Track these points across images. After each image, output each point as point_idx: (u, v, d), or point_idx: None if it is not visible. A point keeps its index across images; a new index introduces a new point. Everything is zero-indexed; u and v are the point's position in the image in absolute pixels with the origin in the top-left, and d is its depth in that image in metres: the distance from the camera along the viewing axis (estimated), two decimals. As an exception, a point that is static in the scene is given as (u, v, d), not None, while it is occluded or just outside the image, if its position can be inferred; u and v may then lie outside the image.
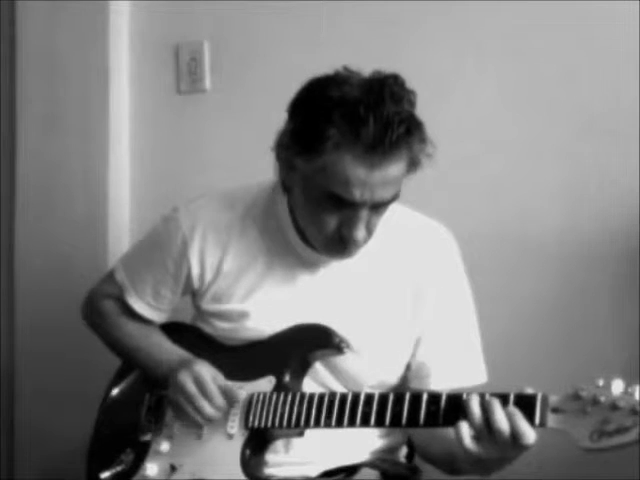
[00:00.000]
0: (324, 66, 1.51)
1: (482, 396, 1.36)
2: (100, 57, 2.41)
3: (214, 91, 2.38)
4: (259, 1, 2.29)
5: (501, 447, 1.34)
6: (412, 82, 1.50)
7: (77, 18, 2.42)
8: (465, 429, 1.35)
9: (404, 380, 1.67)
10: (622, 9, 1.98)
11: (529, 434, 1.31)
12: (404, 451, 1.77)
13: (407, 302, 1.64)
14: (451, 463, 1.55)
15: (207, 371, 1.60)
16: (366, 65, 1.50)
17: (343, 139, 1.43)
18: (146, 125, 2.45)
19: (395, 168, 1.46)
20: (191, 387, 1.58)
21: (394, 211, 1.60)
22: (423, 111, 1.50)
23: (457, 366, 1.64)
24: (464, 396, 1.38)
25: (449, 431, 1.45)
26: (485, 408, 1.34)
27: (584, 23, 2.02)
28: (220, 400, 1.58)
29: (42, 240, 2.46)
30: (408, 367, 1.67)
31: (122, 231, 2.44)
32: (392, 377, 1.66)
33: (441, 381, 1.61)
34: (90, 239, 2.42)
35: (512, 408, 1.33)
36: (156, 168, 2.44)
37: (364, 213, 1.49)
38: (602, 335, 2.01)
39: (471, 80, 2.12)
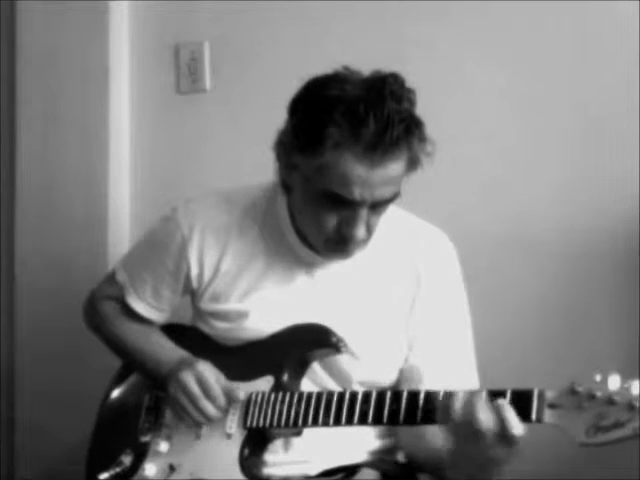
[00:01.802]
0: (324, 66, 1.51)
1: (471, 393, 1.36)
2: (100, 57, 2.41)
3: (214, 91, 2.38)
4: (259, 1, 2.29)
5: (484, 444, 1.32)
6: (412, 82, 1.50)
7: (77, 18, 2.42)
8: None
9: (397, 383, 1.66)
10: (622, 9, 1.98)
11: (516, 424, 1.30)
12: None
13: (404, 304, 1.64)
14: (441, 471, 1.53)
15: (210, 371, 1.60)
16: (366, 65, 1.50)
17: (343, 138, 1.43)
18: (146, 125, 2.45)
19: (395, 167, 1.46)
20: (194, 387, 1.58)
21: (392, 213, 1.60)
22: (423, 111, 1.50)
23: (449, 371, 1.63)
24: (459, 394, 1.38)
25: (438, 437, 1.45)
26: (469, 403, 1.34)
27: (584, 23, 2.02)
28: (222, 400, 1.58)
29: (42, 240, 2.46)
30: (400, 370, 1.66)
31: (122, 231, 2.44)
32: (387, 378, 1.66)
33: (433, 385, 1.61)
34: (90, 239, 2.42)
35: (501, 400, 1.32)
36: (156, 168, 2.44)
37: (364, 212, 1.49)
38: (602, 335, 2.01)
39: (471, 80, 2.12)
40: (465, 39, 2.12)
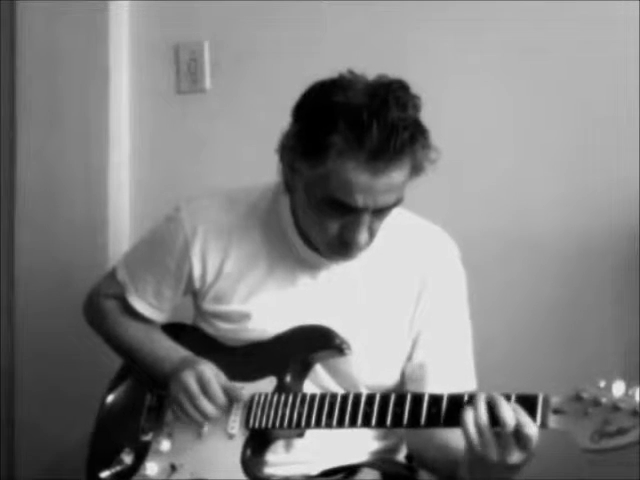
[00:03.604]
0: (324, 66, 1.50)
1: (488, 394, 1.36)
2: (100, 57, 2.41)
3: (214, 91, 2.37)
4: (259, 1, 2.29)
5: (503, 444, 1.33)
6: (412, 83, 1.49)
7: (77, 18, 2.42)
8: (470, 415, 1.34)
9: (400, 383, 1.67)
10: (622, 9, 1.98)
11: (531, 425, 1.31)
12: (404, 452, 1.77)
13: (407, 305, 1.64)
14: (452, 472, 1.53)
15: (210, 370, 1.60)
16: (367, 66, 1.49)
17: (346, 146, 1.42)
18: (146, 125, 2.44)
19: (398, 174, 1.46)
20: (194, 386, 1.58)
21: (396, 215, 1.59)
22: (425, 112, 1.49)
23: (451, 372, 1.64)
24: (465, 397, 1.38)
25: (449, 438, 1.45)
26: (491, 404, 1.35)
27: (584, 24, 2.02)
28: (222, 399, 1.58)
29: (42, 241, 2.46)
30: (404, 369, 1.66)
31: (122, 232, 2.44)
32: (390, 380, 1.66)
33: (436, 384, 1.61)
34: (90, 240, 2.41)
35: (514, 404, 1.34)
36: (156, 168, 2.44)
37: (366, 218, 1.49)
38: (602, 334, 2.01)
39: (472, 80, 2.12)
40: (465, 41, 2.12)
